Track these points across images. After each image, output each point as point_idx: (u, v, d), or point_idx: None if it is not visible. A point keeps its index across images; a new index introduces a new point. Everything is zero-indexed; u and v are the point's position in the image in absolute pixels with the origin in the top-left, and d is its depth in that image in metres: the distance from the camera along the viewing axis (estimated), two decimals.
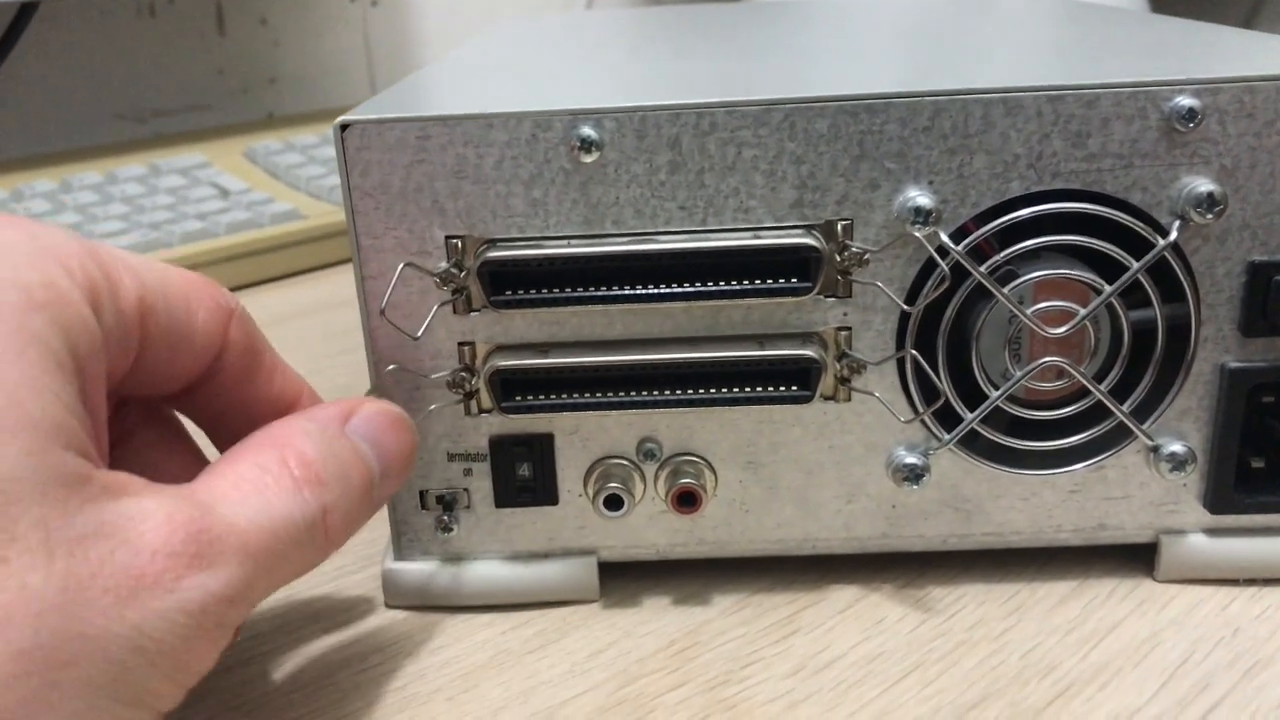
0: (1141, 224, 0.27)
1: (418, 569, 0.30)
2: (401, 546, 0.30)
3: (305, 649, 0.29)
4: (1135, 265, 0.27)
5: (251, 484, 0.22)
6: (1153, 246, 0.27)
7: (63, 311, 0.20)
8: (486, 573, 0.30)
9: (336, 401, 0.26)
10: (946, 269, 0.27)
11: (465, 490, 0.30)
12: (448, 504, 0.30)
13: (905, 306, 0.27)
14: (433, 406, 0.29)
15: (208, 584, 0.20)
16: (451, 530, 0.30)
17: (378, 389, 0.28)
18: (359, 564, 0.33)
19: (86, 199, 0.62)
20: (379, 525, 0.34)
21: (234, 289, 0.61)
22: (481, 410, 0.29)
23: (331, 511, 0.23)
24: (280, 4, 0.83)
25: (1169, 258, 0.27)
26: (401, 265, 0.27)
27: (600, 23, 0.49)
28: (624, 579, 0.31)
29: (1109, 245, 0.27)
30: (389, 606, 0.30)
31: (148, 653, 0.19)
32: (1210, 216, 0.27)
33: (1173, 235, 0.27)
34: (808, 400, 0.28)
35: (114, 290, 0.22)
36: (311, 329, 0.53)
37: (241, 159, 0.70)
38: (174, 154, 0.69)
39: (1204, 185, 0.26)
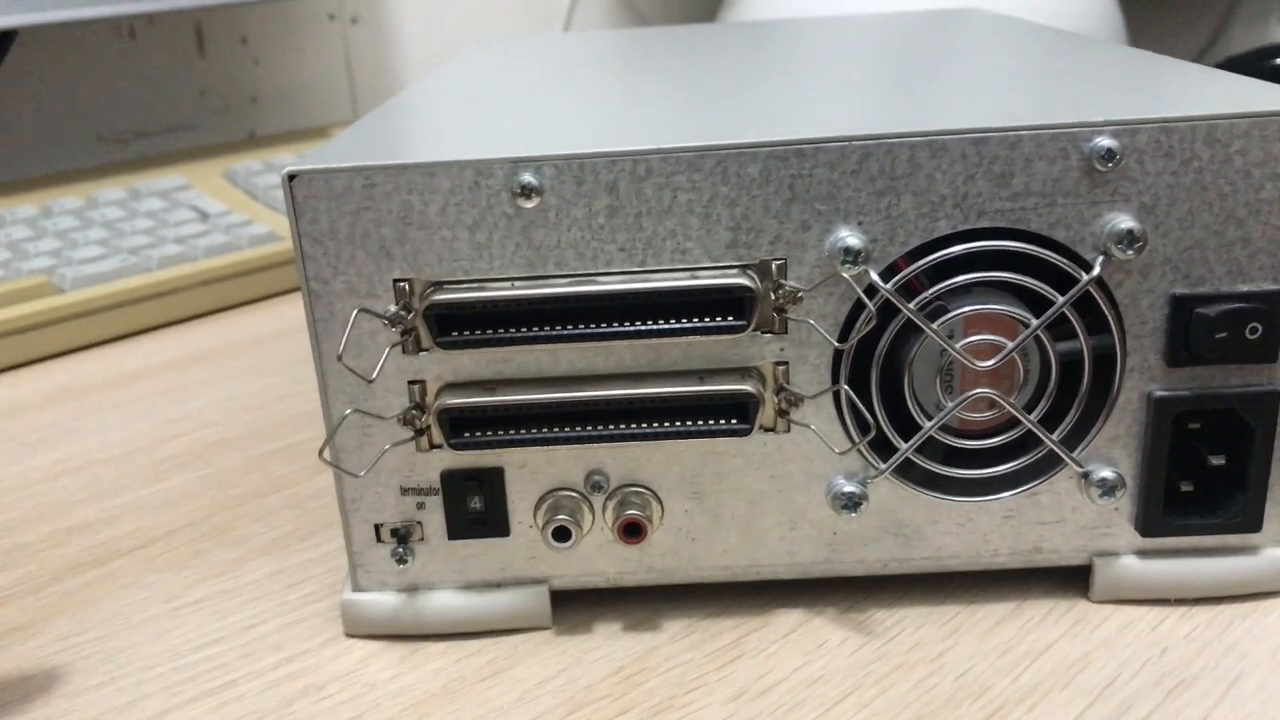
0: (1066, 260, 0.28)
1: (375, 600, 0.31)
2: (359, 578, 0.31)
3: (267, 677, 0.30)
4: (1061, 300, 0.28)
5: None
6: (1077, 281, 0.28)
7: None
8: (442, 603, 0.31)
9: None
10: (873, 309, 0.28)
11: (419, 523, 0.30)
12: (402, 537, 0.31)
13: (836, 344, 0.28)
14: (387, 447, 0.30)
15: None
16: (406, 562, 0.31)
17: (332, 433, 0.29)
18: (324, 591, 0.34)
19: (67, 224, 0.62)
20: (341, 547, 0.35)
21: (213, 312, 0.62)
22: (433, 446, 0.30)
23: None
24: (260, 23, 0.84)
25: (1093, 292, 0.28)
26: (356, 311, 0.28)
27: (567, 49, 0.50)
28: (576, 606, 0.32)
29: (1035, 281, 0.28)
30: (349, 636, 0.31)
31: None
32: (1131, 252, 0.27)
33: (1096, 270, 0.28)
34: (746, 433, 0.29)
35: None
36: (290, 350, 0.54)
37: (221, 180, 0.71)
38: (154, 176, 0.70)
39: (1125, 222, 0.27)
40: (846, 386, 0.29)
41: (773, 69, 0.39)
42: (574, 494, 0.30)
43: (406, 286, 0.28)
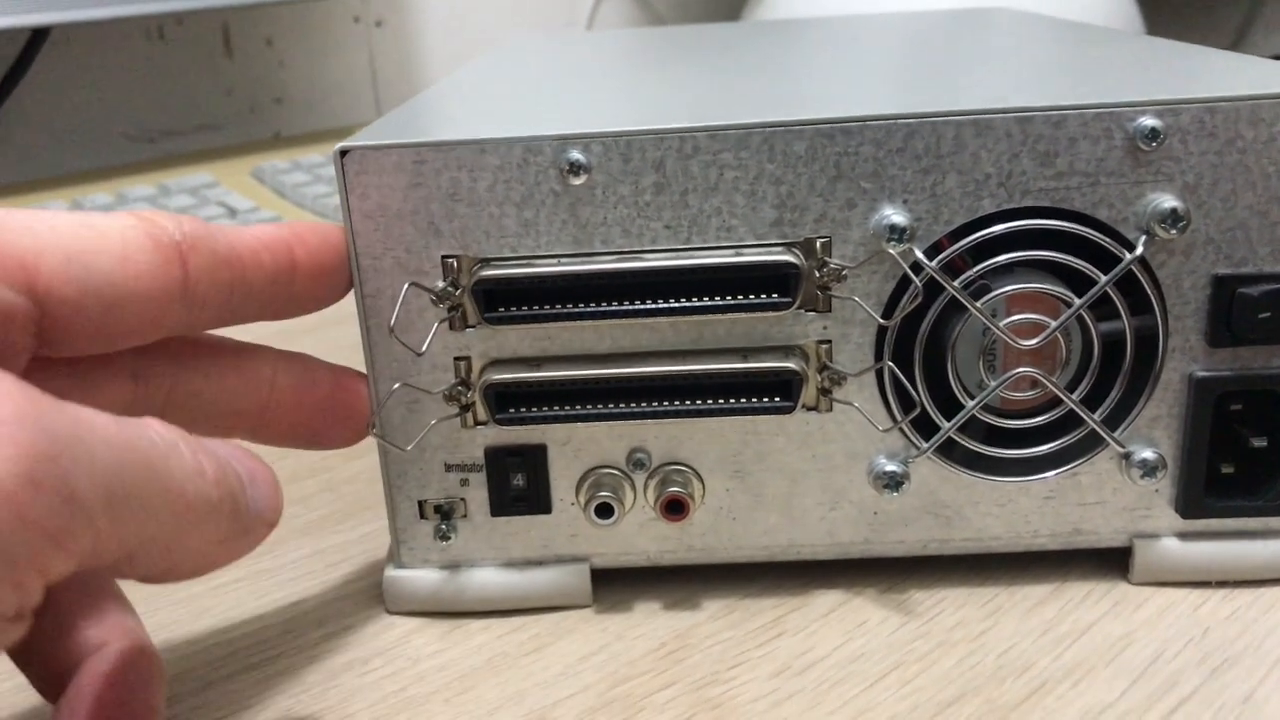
0: (1109, 239, 0.28)
1: (417, 576, 0.31)
2: (402, 555, 0.31)
3: (310, 653, 0.30)
4: (1104, 279, 0.28)
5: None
6: (1120, 261, 0.28)
7: None
8: (483, 580, 0.31)
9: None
10: (920, 285, 0.28)
11: (462, 500, 0.31)
12: (445, 513, 0.31)
13: (881, 320, 0.28)
14: (433, 422, 0.30)
15: None
16: (449, 539, 0.31)
17: (379, 407, 0.30)
18: (363, 571, 0.34)
19: None
20: (382, 525, 0.36)
21: None
22: (477, 422, 0.30)
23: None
24: (286, 25, 0.85)
25: (1136, 271, 0.28)
26: (406, 285, 0.28)
27: (597, 44, 0.51)
28: (616, 585, 0.32)
29: (1078, 260, 0.28)
30: (390, 613, 0.31)
31: None
32: (1174, 232, 0.28)
33: (1139, 250, 0.28)
34: (790, 411, 0.29)
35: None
36: (322, 343, 0.54)
37: (248, 178, 0.71)
38: (182, 174, 0.70)
39: (1168, 201, 0.28)
40: (891, 363, 0.29)
41: (808, 58, 0.39)
42: (616, 472, 0.30)
43: (455, 263, 0.29)
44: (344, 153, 0.28)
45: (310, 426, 0.30)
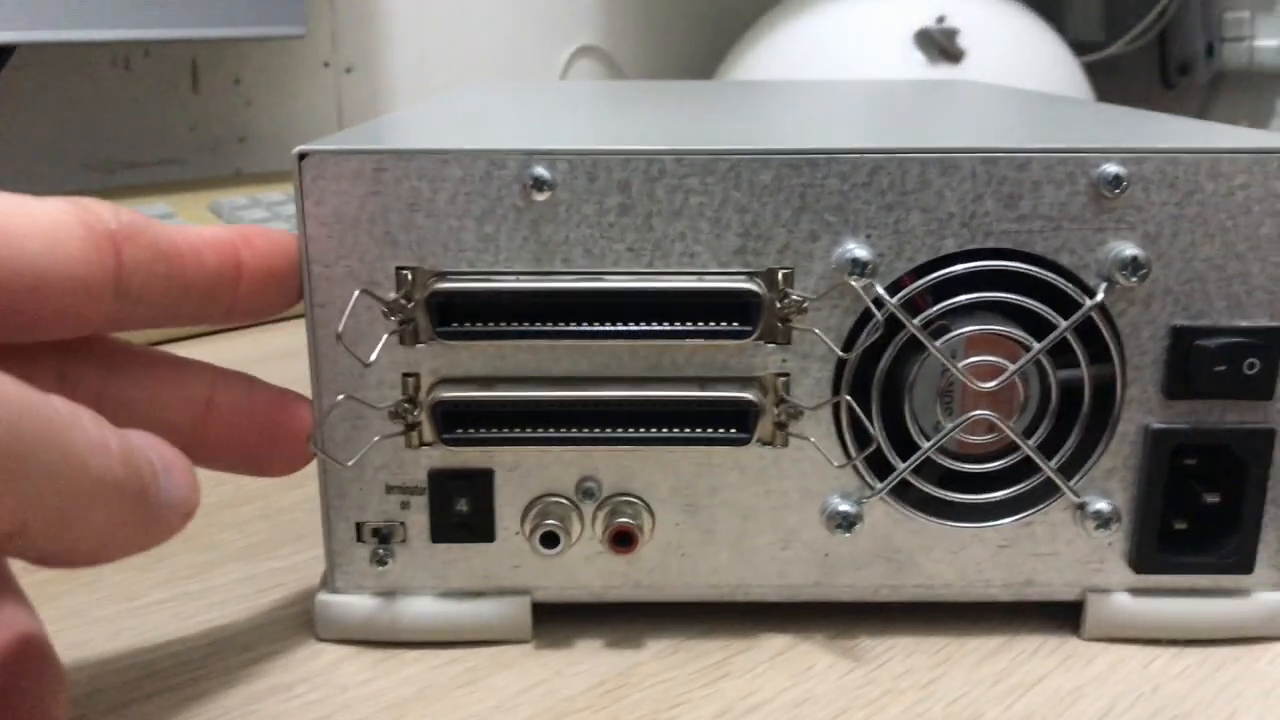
0: (1070, 284, 0.28)
1: (351, 602, 0.30)
2: (336, 579, 0.30)
3: (232, 676, 0.28)
4: (1064, 324, 0.28)
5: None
6: (1080, 306, 0.28)
7: None
8: (420, 609, 0.30)
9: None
10: (881, 318, 0.27)
11: (402, 524, 0.30)
12: (384, 537, 0.30)
13: (841, 353, 0.28)
14: (376, 438, 0.29)
15: None
16: (386, 564, 0.30)
17: (322, 419, 0.29)
18: (295, 598, 0.32)
19: None
20: (318, 554, 0.34)
21: (193, 338, 0.61)
22: (423, 443, 0.29)
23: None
24: (255, 64, 0.85)
25: (1096, 319, 0.28)
26: (357, 293, 0.28)
27: (569, 87, 0.51)
28: (557, 620, 0.31)
29: (1038, 304, 0.28)
30: (320, 640, 0.30)
31: None
32: (1135, 280, 0.28)
33: (1099, 296, 0.28)
34: (745, 443, 0.29)
35: None
36: (266, 375, 0.53)
37: (206, 212, 0.70)
38: (139, 204, 0.69)
39: (1129, 249, 0.28)
40: (849, 397, 0.28)
41: (777, 107, 0.40)
42: (564, 501, 0.30)
43: (409, 275, 0.28)
44: (303, 156, 0.27)
45: (248, 449, 0.29)
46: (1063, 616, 0.31)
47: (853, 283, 0.27)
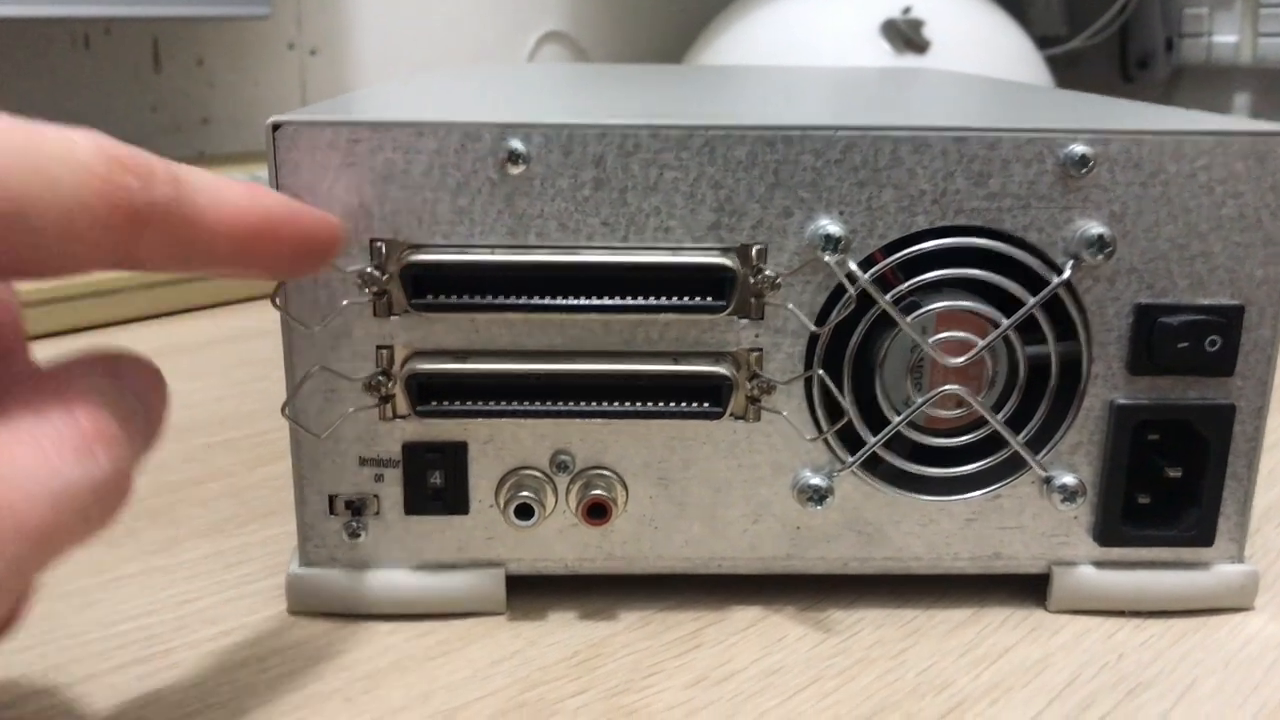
0: (1038, 261, 0.29)
1: (323, 575, 0.30)
2: (308, 551, 0.30)
3: (204, 649, 0.28)
4: (1031, 300, 0.29)
5: (32, 446, 0.18)
6: (1048, 284, 0.28)
7: None
8: (393, 581, 0.30)
9: (89, 353, 0.21)
10: (854, 293, 0.28)
11: (375, 496, 0.30)
12: (357, 509, 0.30)
13: (814, 327, 0.28)
14: (350, 410, 0.29)
15: None
16: (359, 536, 0.30)
17: (295, 390, 0.29)
18: (264, 572, 0.32)
19: None
20: (286, 530, 0.34)
21: (156, 316, 0.60)
22: (397, 415, 0.29)
23: (125, 472, 0.20)
24: (218, 46, 0.84)
25: (1062, 296, 0.29)
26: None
27: (539, 69, 0.51)
28: (531, 593, 0.31)
29: (1007, 280, 0.29)
30: (292, 613, 0.30)
31: None
32: (1100, 258, 0.28)
33: (1066, 273, 0.28)
34: (718, 416, 0.29)
35: None
36: (229, 355, 0.53)
37: None
38: None
39: (1095, 228, 0.28)
40: (821, 371, 0.29)
41: (750, 87, 0.40)
42: (538, 474, 0.30)
43: (383, 247, 0.28)
44: (276, 127, 0.27)
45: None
46: (1029, 589, 0.31)
47: (826, 258, 0.28)
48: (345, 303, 0.28)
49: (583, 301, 0.28)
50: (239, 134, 0.85)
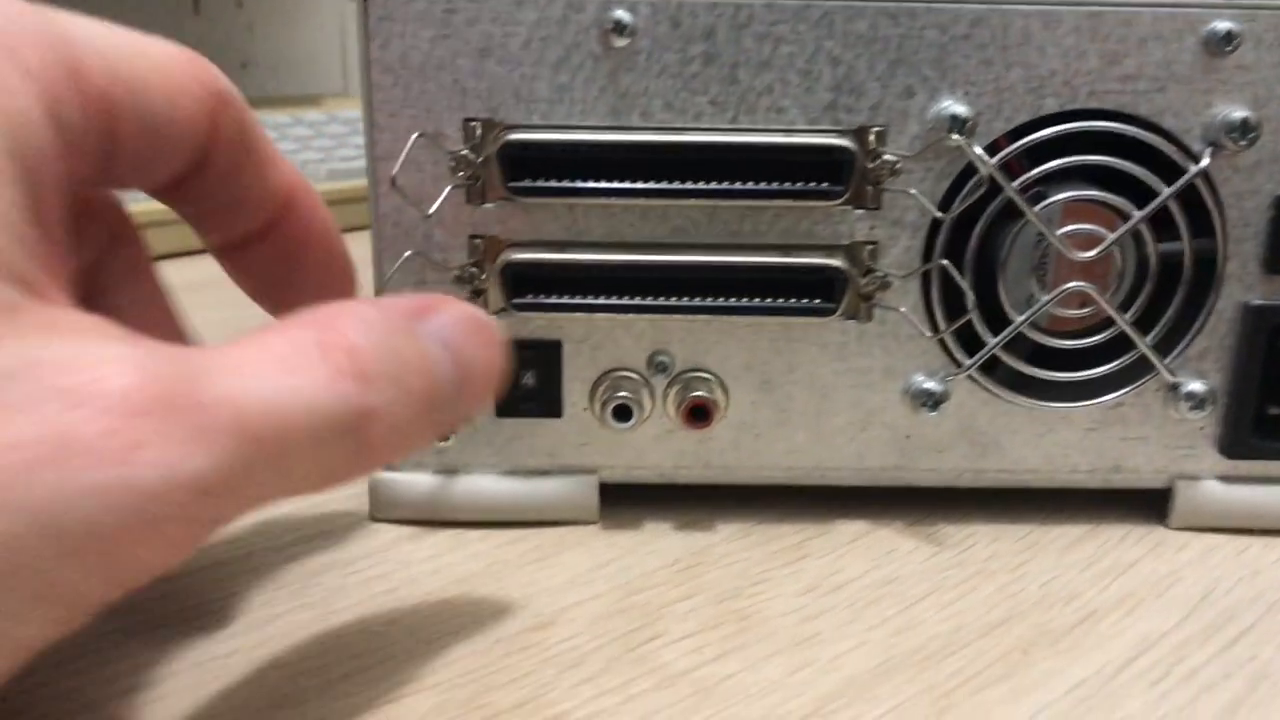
0: (1174, 148, 0.27)
1: (409, 480, 0.28)
2: None
3: (285, 552, 0.27)
4: (1166, 190, 0.27)
5: (276, 359, 0.17)
6: (1184, 172, 0.27)
7: (7, 114, 0.17)
8: (482, 487, 0.28)
9: (412, 295, 0.21)
10: (985, 174, 0.26)
11: None
12: None
13: (937, 213, 0.27)
14: None
15: (176, 463, 0.15)
16: (448, 440, 0.28)
17: (386, 282, 0.27)
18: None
19: None
20: None
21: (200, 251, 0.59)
22: (489, 311, 0.27)
23: (376, 419, 0.18)
24: None
25: (1199, 187, 0.27)
26: (415, 135, 0.26)
27: None
28: (624, 502, 0.29)
29: (1140, 169, 0.27)
30: (374, 519, 0.29)
31: (66, 540, 0.15)
32: (1244, 143, 0.26)
33: (1205, 161, 0.27)
34: (830, 313, 0.27)
35: (78, 85, 0.18)
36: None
37: None
38: None
39: (1238, 112, 0.26)
40: (946, 261, 0.27)
41: None
42: (635, 375, 0.28)
43: (478, 128, 0.26)
44: None
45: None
46: (1147, 505, 0.30)
47: (954, 139, 0.26)
48: (448, 188, 0.26)
49: (688, 186, 0.26)
50: (278, 78, 0.84)
